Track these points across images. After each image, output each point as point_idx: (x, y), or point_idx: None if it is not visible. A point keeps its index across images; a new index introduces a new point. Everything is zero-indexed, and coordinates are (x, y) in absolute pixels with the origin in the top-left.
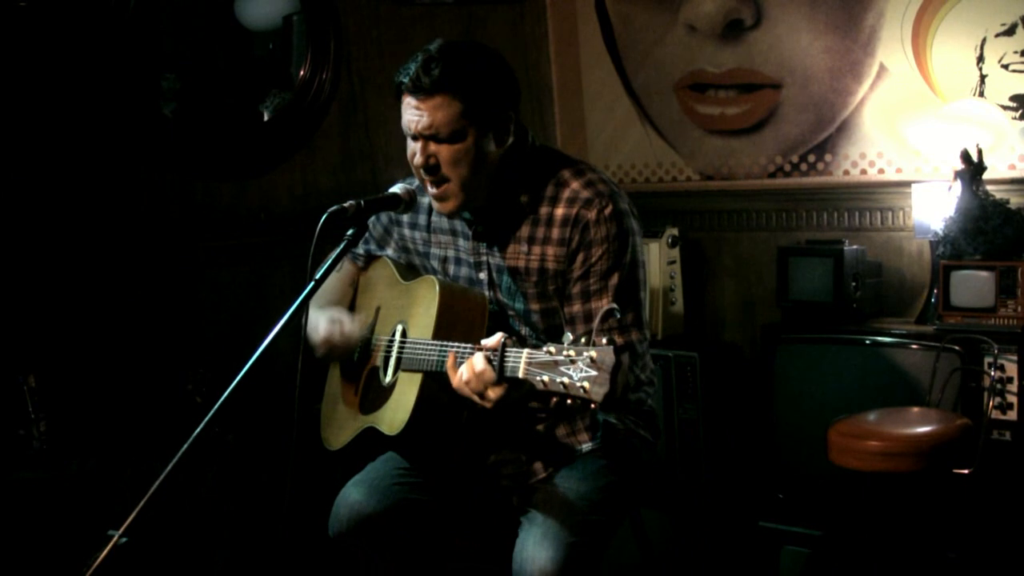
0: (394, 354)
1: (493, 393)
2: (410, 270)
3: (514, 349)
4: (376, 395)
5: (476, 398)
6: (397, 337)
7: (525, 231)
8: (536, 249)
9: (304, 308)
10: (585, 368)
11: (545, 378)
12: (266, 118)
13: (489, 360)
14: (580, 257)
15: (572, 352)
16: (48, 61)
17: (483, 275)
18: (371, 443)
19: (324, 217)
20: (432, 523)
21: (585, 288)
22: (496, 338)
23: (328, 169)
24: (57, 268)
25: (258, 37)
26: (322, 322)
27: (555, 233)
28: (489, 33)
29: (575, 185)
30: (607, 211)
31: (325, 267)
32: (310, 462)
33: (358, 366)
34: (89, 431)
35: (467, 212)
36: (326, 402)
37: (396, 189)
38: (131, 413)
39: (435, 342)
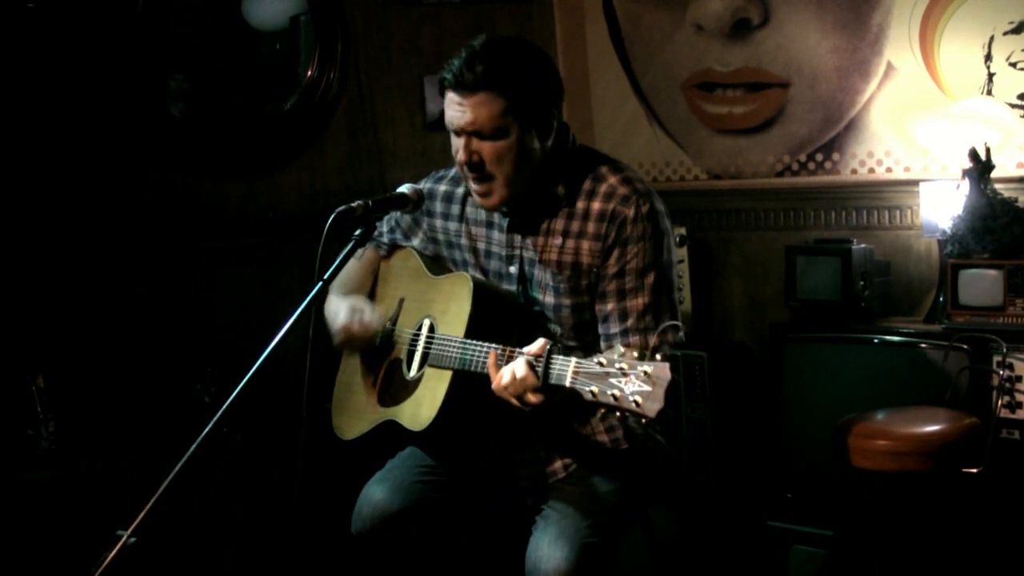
0: (420, 349)
1: (534, 398)
2: (437, 263)
3: (561, 357)
4: (398, 388)
5: (515, 401)
6: (424, 332)
7: (560, 224)
8: (571, 243)
9: (312, 308)
10: (639, 382)
11: (594, 389)
12: (278, 116)
13: (532, 366)
14: (615, 254)
15: (625, 365)
16: (56, 61)
17: (513, 268)
18: (387, 437)
19: (332, 217)
20: (452, 522)
21: (620, 286)
22: (540, 344)
23: (336, 169)
24: (65, 268)
25: (265, 37)
26: (342, 310)
27: (591, 227)
28: (496, 32)
29: (613, 180)
30: (644, 209)
31: (334, 267)
32: (319, 461)
33: (378, 356)
34: (98, 431)
35: (504, 206)
36: (339, 389)
37: (404, 189)
38: (140, 413)
39: (468, 341)
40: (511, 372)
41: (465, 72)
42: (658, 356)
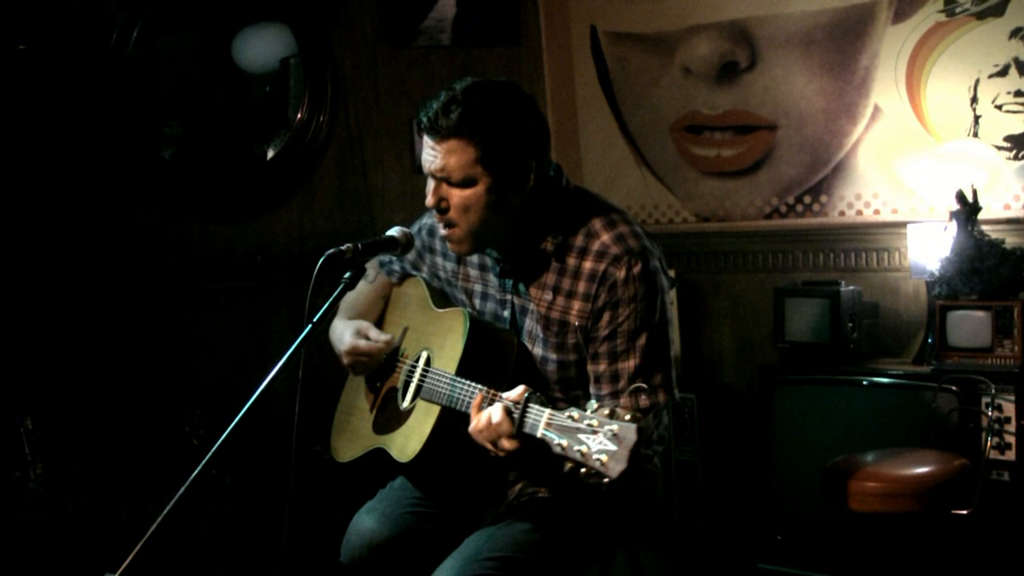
0: (415, 380)
1: (508, 444)
2: (442, 296)
3: (536, 406)
4: (391, 417)
5: (489, 446)
6: (420, 364)
7: (551, 279)
8: (560, 300)
9: (302, 351)
10: (605, 441)
11: (564, 443)
12: (268, 158)
13: (509, 412)
14: (606, 316)
15: (595, 421)
16: (46, 104)
17: (507, 313)
18: (377, 464)
19: (321, 260)
20: (439, 553)
21: (612, 348)
22: (519, 391)
23: (325, 211)
24: (54, 310)
25: (255, 79)
26: (347, 333)
27: (581, 287)
28: (485, 75)
29: (605, 238)
30: (636, 270)
31: (323, 309)
32: (308, 503)
33: (378, 381)
34: (86, 473)
35: (494, 251)
36: (340, 410)
37: (393, 232)
38: (128, 455)
39: (457, 378)
40: (487, 417)
41: (440, 117)
42: (627, 416)
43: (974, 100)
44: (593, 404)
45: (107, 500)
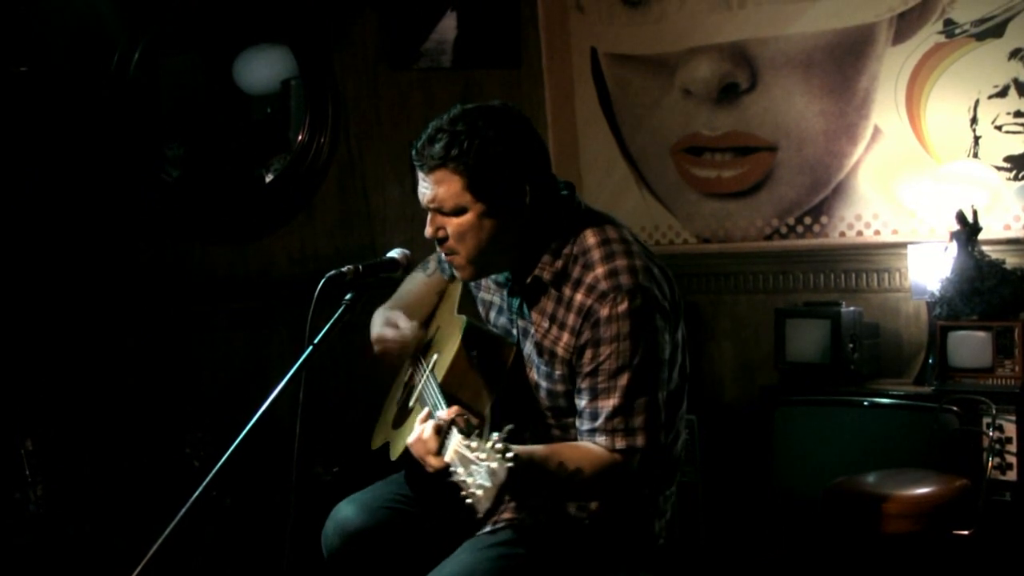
0: (421, 382)
1: (434, 463)
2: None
3: (455, 430)
4: (403, 414)
5: (421, 461)
6: (429, 366)
7: (549, 306)
8: (554, 330)
9: (303, 372)
10: (484, 476)
11: (460, 470)
12: (269, 179)
13: (438, 431)
14: (588, 353)
15: (483, 455)
16: (48, 125)
17: (515, 332)
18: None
19: (322, 282)
20: (408, 556)
21: (593, 385)
22: (450, 410)
23: (326, 232)
24: (55, 332)
25: (257, 101)
26: (377, 321)
27: (571, 320)
28: (486, 98)
29: (599, 271)
30: (620, 308)
31: (324, 331)
32: (309, 523)
33: (408, 376)
34: (86, 495)
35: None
36: (388, 398)
37: (394, 254)
38: (129, 477)
39: (437, 389)
40: (420, 432)
41: (425, 149)
42: (509, 454)
43: (974, 121)
44: (494, 436)
45: (108, 521)
